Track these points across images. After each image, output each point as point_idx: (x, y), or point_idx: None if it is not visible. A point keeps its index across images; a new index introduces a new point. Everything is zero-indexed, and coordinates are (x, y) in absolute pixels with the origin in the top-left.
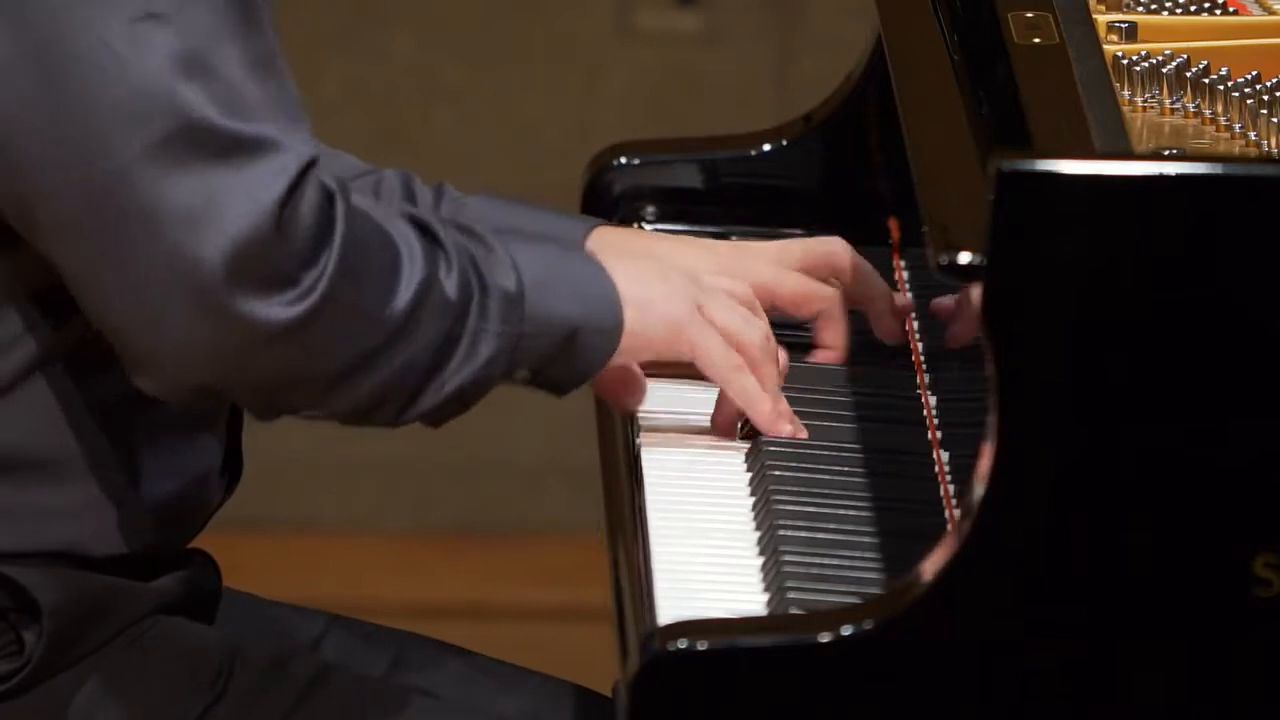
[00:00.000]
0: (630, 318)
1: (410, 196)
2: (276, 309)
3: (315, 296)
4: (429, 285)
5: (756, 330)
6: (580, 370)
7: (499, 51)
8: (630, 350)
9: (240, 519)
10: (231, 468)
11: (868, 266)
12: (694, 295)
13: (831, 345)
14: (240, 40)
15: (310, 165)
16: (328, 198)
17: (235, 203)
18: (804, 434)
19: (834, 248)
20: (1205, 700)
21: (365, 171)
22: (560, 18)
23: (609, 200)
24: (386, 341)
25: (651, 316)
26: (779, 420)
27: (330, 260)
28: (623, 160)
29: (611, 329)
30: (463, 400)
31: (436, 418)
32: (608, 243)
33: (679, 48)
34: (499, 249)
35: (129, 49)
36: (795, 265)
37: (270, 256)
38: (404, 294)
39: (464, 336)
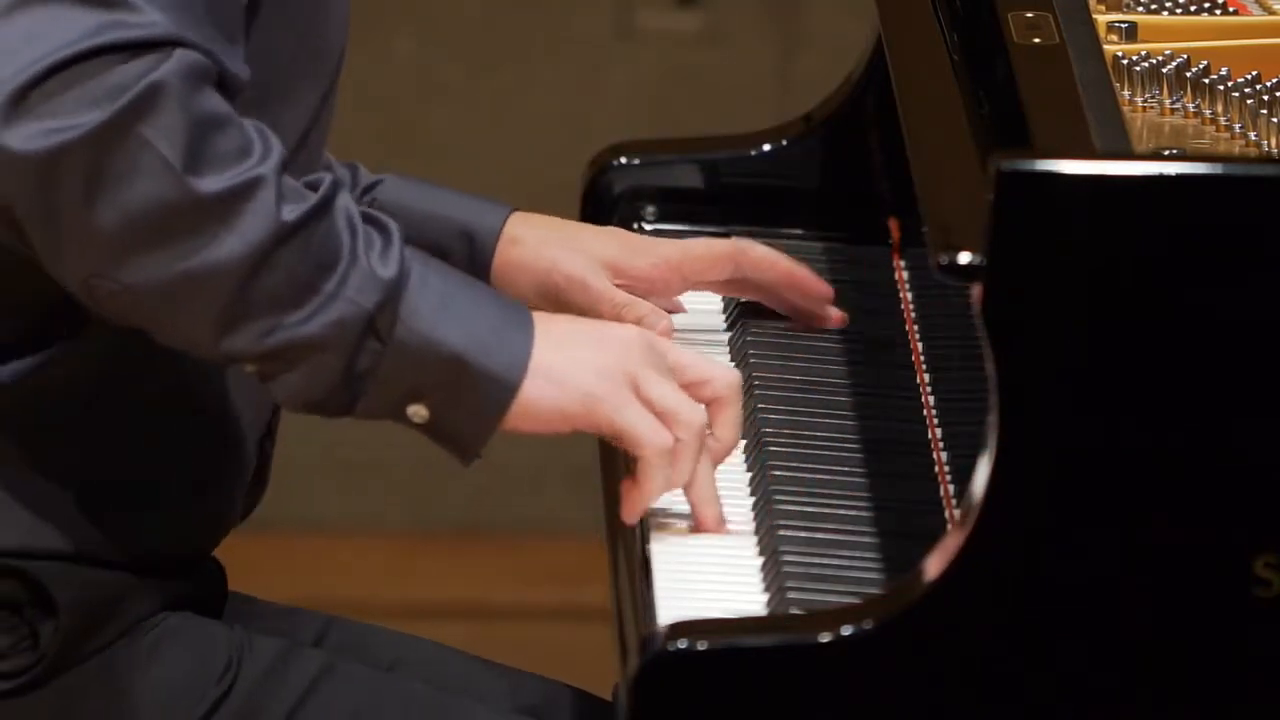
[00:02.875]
0: (535, 387)
1: (327, 169)
2: (13, 135)
3: (78, 131)
4: (259, 185)
5: (696, 412)
6: (474, 420)
7: (499, 51)
8: (537, 419)
9: None
10: (256, 487)
11: (775, 253)
12: (629, 370)
13: (771, 279)
14: None
15: (166, 43)
16: (189, 71)
17: (51, 37)
18: (723, 529)
19: (745, 243)
20: (1206, 700)
21: None
22: (560, 18)
23: (609, 200)
24: (184, 212)
25: (566, 390)
26: (708, 520)
27: (128, 99)
28: (623, 160)
29: (505, 379)
30: (290, 360)
31: (265, 369)
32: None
33: (679, 48)
34: (397, 245)
35: None
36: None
37: (58, 91)
38: (224, 178)
39: (312, 289)
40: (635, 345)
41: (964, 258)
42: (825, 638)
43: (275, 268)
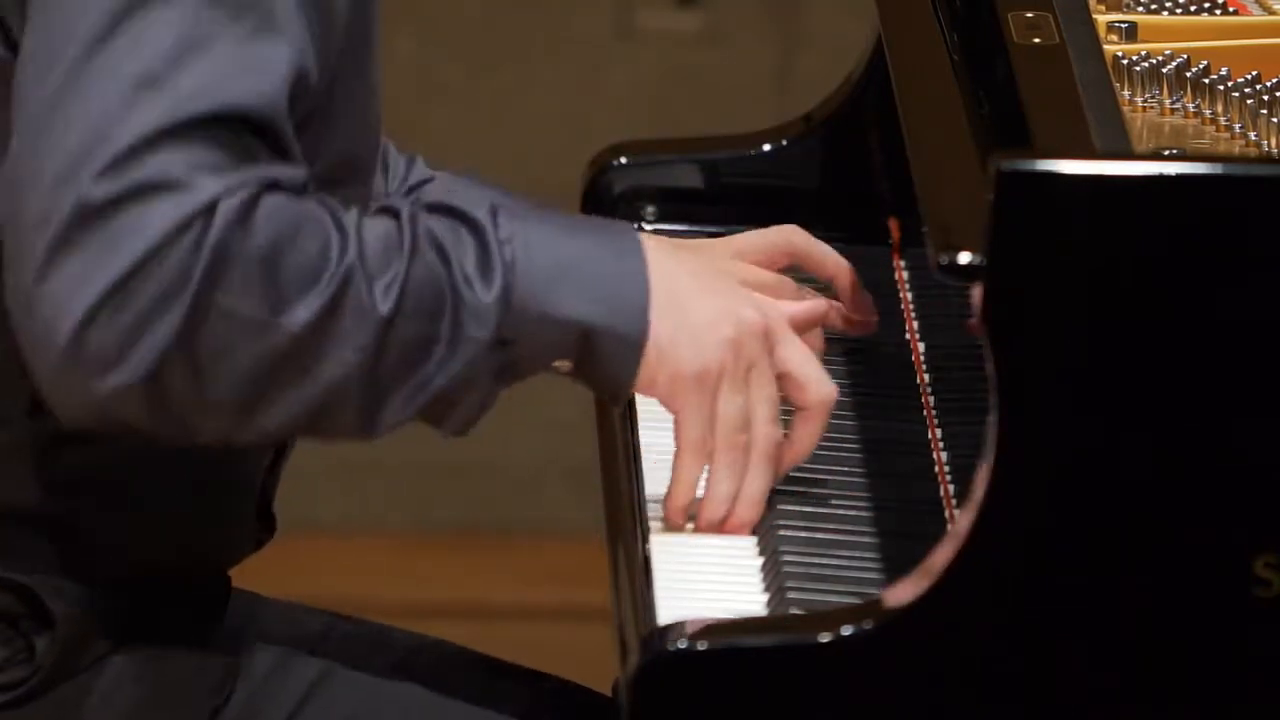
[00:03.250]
0: (651, 355)
1: (383, 162)
2: (110, 380)
3: (163, 337)
4: (348, 288)
5: (739, 433)
6: (613, 374)
7: (499, 51)
8: (646, 383)
9: None
10: (263, 525)
11: (824, 247)
12: (725, 365)
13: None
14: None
15: (206, 209)
16: (237, 217)
17: (93, 276)
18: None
19: (789, 234)
20: (1205, 700)
21: None
22: (560, 18)
23: (609, 200)
24: (288, 353)
25: (663, 365)
26: (739, 520)
27: (195, 282)
28: (623, 160)
29: (629, 337)
30: (445, 405)
31: (427, 418)
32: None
33: (679, 48)
34: (493, 241)
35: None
36: (753, 257)
37: (106, 340)
38: (312, 299)
39: (431, 341)
40: (748, 337)
41: (964, 258)
42: (825, 638)
43: (390, 349)
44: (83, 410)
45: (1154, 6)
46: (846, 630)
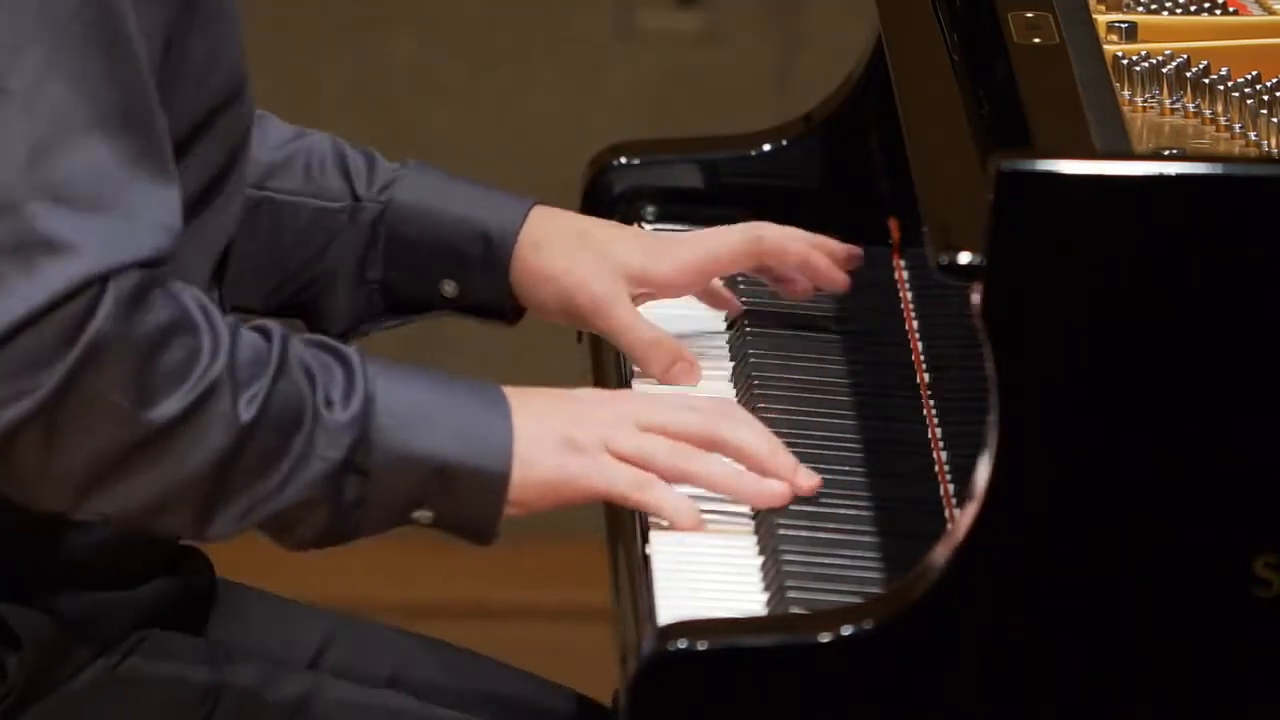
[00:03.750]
0: (521, 473)
1: (342, 164)
2: None
3: (29, 403)
4: (213, 393)
5: (659, 443)
6: (477, 513)
7: (499, 51)
8: (537, 501)
9: None
10: None
11: (791, 236)
12: (599, 435)
13: (788, 277)
14: (101, 132)
15: (98, 279)
16: (126, 303)
17: None
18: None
19: (757, 232)
20: (1205, 700)
21: (293, 137)
22: (560, 18)
23: (609, 200)
24: (145, 444)
25: (545, 470)
26: (770, 495)
27: (71, 361)
28: (623, 160)
29: (494, 470)
30: (281, 524)
31: (274, 537)
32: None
33: (679, 48)
34: (359, 373)
35: None
36: (723, 263)
37: None
38: (178, 397)
39: (282, 453)
40: (605, 415)
41: (964, 258)
42: (825, 638)
43: (243, 457)
44: None
45: (1154, 6)
46: (846, 630)
